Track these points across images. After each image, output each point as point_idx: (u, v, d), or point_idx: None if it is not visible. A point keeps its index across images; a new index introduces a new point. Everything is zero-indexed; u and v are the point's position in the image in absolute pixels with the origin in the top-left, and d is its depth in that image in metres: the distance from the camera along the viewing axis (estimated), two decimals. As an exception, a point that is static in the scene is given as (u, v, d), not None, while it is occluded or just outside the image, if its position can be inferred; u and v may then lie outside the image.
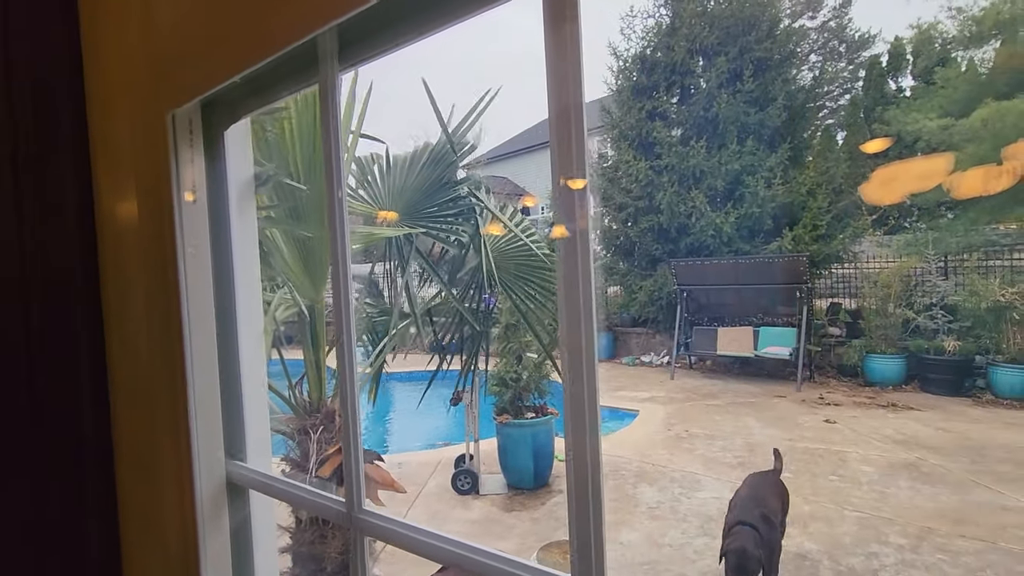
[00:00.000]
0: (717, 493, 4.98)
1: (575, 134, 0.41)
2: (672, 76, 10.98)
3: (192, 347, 0.74)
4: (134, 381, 0.79)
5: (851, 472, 5.27)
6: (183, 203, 0.73)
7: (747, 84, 10.00)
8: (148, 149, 0.73)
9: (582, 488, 0.41)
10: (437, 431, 7.94)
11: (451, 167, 2.50)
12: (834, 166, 9.97)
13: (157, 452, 0.77)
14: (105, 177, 0.83)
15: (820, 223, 9.54)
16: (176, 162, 0.71)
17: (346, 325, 0.60)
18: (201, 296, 0.77)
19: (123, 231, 0.81)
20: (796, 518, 4.38)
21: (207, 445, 0.75)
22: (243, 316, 0.81)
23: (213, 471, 0.76)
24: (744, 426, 6.84)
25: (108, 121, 0.80)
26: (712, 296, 9.99)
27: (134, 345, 0.80)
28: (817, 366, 8.95)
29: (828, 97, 13.37)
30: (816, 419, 6.92)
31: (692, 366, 10.24)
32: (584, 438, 0.41)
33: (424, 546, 0.51)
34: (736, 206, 10.03)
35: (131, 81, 0.75)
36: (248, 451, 0.79)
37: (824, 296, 10.11)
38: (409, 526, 0.53)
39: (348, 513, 0.58)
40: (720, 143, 10.26)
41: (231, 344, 0.80)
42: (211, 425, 0.76)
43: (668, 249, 10.81)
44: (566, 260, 0.41)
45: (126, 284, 0.82)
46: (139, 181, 0.76)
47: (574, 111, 0.41)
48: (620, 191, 11.39)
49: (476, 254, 2.57)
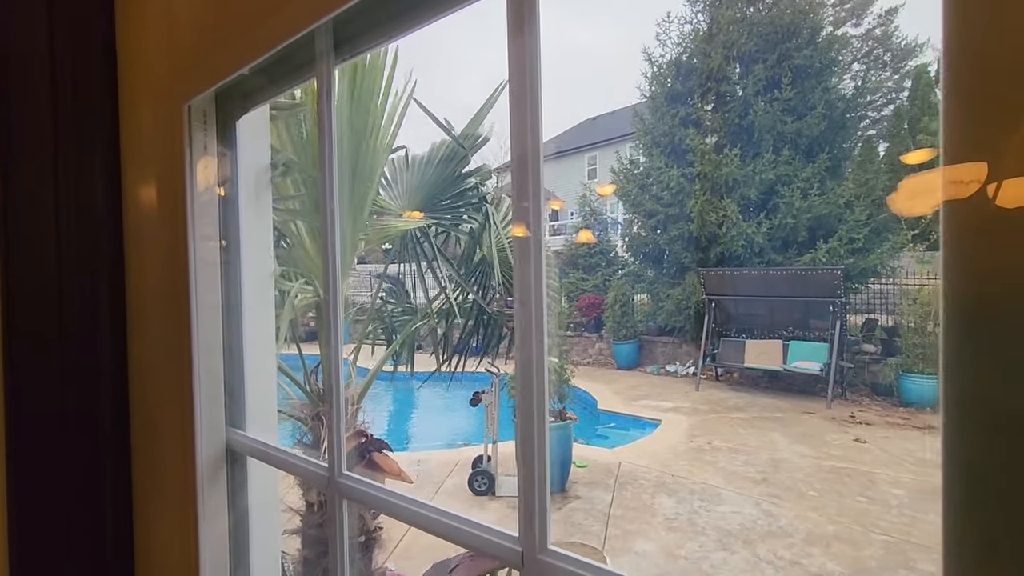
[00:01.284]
0: (738, 508, 4.88)
1: (530, 122, 0.44)
2: (707, 83, 10.84)
3: (198, 326, 0.80)
4: (147, 354, 0.85)
5: (880, 494, 5.07)
6: (196, 190, 0.79)
7: (785, 92, 9.78)
8: (167, 139, 0.79)
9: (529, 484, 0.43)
10: (459, 431, 8.00)
11: (463, 161, 2.55)
12: (874, 178, 9.64)
13: (164, 417, 0.83)
14: (131, 168, 0.89)
15: (857, 236, 9.23)
16: (191, 151, 0.77)
17: (334, 310, 0.64)
18: (208, 279, 0.82)
19: (144, 217, 0.87)
20: (818, 538, 4.25)
21: (209, 413, 0.80)
22: (250, 300, 0.87)
23: (214, 436, 0.81)
24: (770, 441, 6.66)
25: (135, 114, 0.87)
26: (741, 307, 9.78)
27: (149, 322, 0.86)
28: (849, 383, 8.64)
29: (871, 107, 12.94)
30: (846, 438, 6.69)
31: (718, 378, 10.02)
32: (532, 427, 0.43)
33: (396, 508, 0.55)
34: (769, 216, 9.81)
35: (154, 74, 0.81)
36: (249, 423, 0.84)
37: (859, 311, 9.76)
38: (384, 489, 0.57)
39: (329, 477, 0.62)
40: (755, 152, 10.06)
41: (236, 324, 0.86)
42: (214, 396, 0.81)
43: (698, 258, 10.63)
44: (520, 261, 0.44)
45: (145, 266, 0.88)
46: (158, 170, 0.82)
47: (531, 99, 0.43)
48: (650, 198, 11.29)
49: (482, 248, 2.59)
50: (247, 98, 0.80)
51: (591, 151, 21.02)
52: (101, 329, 0.99)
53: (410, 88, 2.30)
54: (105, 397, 0.92)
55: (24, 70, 0.99)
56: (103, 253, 1.00)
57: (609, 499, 5.09)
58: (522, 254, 0.43)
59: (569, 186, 18.68)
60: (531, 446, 0.42)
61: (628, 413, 8.01)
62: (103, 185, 0.99)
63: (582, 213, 13.71)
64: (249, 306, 0.86)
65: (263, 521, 0.93)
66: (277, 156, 1.81)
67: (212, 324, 0.82)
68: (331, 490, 0.62)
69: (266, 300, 0.97)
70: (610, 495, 5.18)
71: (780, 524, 4.53)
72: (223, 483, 0.82)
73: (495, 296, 2.79)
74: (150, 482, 0.83)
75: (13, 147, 1.02)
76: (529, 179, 0.44)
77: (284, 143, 2.01)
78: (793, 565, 3.91)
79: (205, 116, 0.79)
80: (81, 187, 1.00)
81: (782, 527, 4.48)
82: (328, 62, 0.62)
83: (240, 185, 0.85)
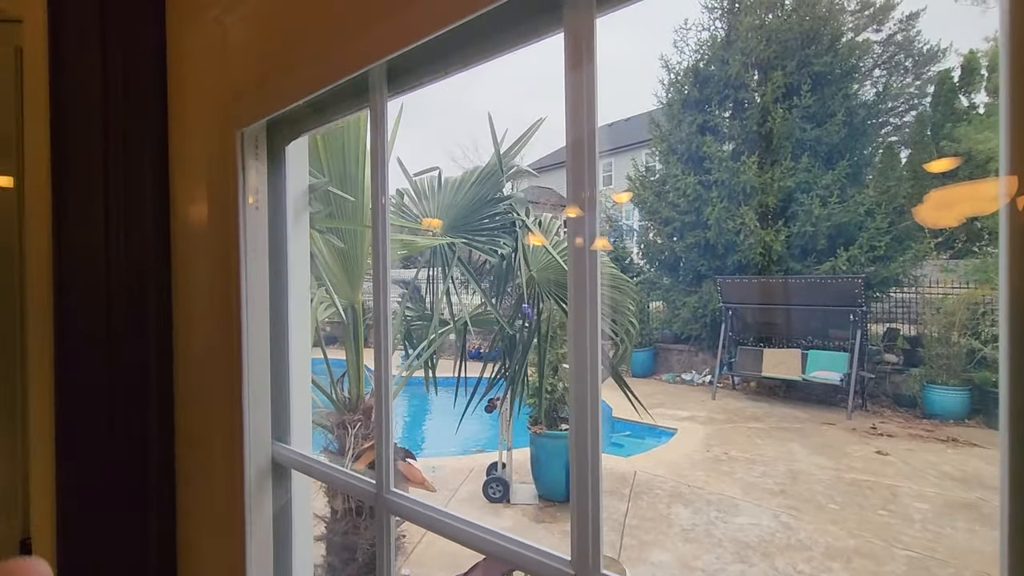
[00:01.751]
0: (756, 519, 4.82)
1: (588, 162, 0.46)
2: (725, 90, 10.80)
3: (248, 340, 0.83)
4: (195, 368, 0.89)
5: (903, 508, 4.98)
6: (247, 210, 0.82)
7: (804, 99, 9.71)
8: (219, 162, 0.83)
9: (583, 505, 0.44)
10: (473, 437, 8.01)
11: (497, 186, 2.60)
12: (896, 185, 9.51)
13: (212, 431, 0.87)
14: (180, 186, 0.94)
15: (879, 244, 9.10)
16: (243, 173, 0.81)
17: (384, 326, 0.67)
18: (258, 294, 0.86)
19: (193, 235, 0.91)
20: (839, 552, 4.18)
21: (257, 427, 0.83)
22: (293, 314, 0.90)
23: (261, 450, 0.84)
24: (788, 452, 6.58)
25: (185, 137, 0.91)
26: (759, 315, 9.69)
27: (197, 336, 0.90)
28: (870, 394, 8.49)
29: (892, 113, 12.77)
30: (867, 450, 6.58)
31: (735, 386, 9.92)
32: (586, 452, 0.44)
33: (442, 525, 0.57)
34: (788, 224, 9.72)
35: (207, 103, 0.86)
36: (293, 435, 0.88)
37: (880, 321, 9.60)
38: (430, 507, 0.59)
39: (377, 493, 0.65)
40: (773, 159, 9.99)
41: (282, 339, 0.89)
42: (261, 409, 0.85)
43: (714, 265, 10.56)
44: (575, 273, 0.46)
45: (193, 281, 0.92)
46: (210, 190, 0.86)
47: (587, 142, 0.46)
48: (667, 205, 11.25)
49: (517, 269, 2.65)
50: (297, 125, 0.84)
51: (606, 157, 20.99)
52: (148, 335, 1.03)
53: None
54: (151, 405, 0.96)
55: (80, 95, 1.04)
56: (151, 264, 1.05)
57: (624, 508, 5.06)
58: (577, 267, 0.45)
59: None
60: (585, 469, 0.44)
61: (643, 421, 7.96)
62: (152, 200, 1.04)
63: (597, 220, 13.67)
64: (294, 319, 0.89)
65: (301, 528, 0.96)
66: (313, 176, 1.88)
67: (261, 338, 0.86)
68: (379, 506, 0.64)
69: (304, 312, 1.01)
70: (625, 504, 5.16)
71: (799, 537, 4.47)
72: (268, 497, 0.85)
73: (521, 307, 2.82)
74: (194, 491, 0.87)
75: (68, 162, 1.07)
76: (586, 221, 0.47)
77: (312, 159, 2.09)
78: (813, 579, 3.85)
79: (257, 142, 0.82)
80: (131, 201, 1.05)
81: (801, 540, 4.42)
82: (382, 95, 0.65)
83: (287, 205, 0.89)
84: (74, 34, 1.07)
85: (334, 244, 2.29)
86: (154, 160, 1.06)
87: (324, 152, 2.12)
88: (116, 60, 1.06)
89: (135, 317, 1.03)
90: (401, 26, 0.53)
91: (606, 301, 2.81)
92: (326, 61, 0.63)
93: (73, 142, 1.09)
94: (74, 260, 1.06)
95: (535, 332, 2.78)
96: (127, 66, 1.04)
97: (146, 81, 1.04)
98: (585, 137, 0.45)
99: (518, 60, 10.30)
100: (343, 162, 2.16)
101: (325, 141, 2.10)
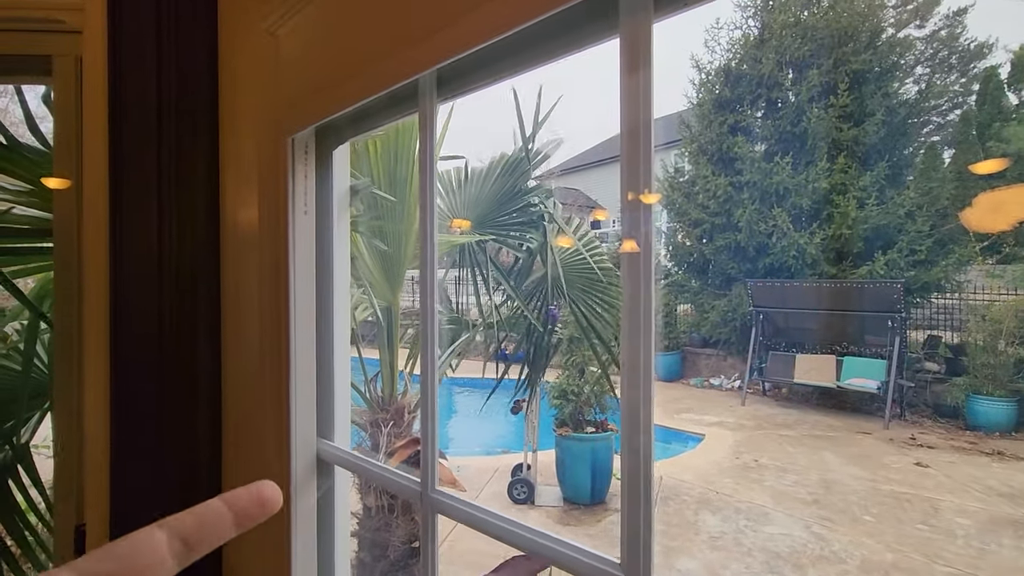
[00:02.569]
0: (787, 529, 4.71)
1: (644, 165, 0.46)
2: (758, 89, 10.57)
3: (296, 340, 0.86)
4: (243, 368, 0.92)
5: (944, 523, 4.79)
6: (297, 215, 0.85)
7: (841, 98, 9.43)
8: (270, 167, 0.86)
9: (635, 507, 0.45)
10: (498, 438, 8.03)
11: (523, 176, 2.60)
12: (938, 187, 9.15)
13: (259, 428, 0.90)
14: (231, 191, 0.97)
15: (919, 248, 8.78)
16: (292, 179, 0.83)
17: (431, 327, 0.68)
18: (305, 295, 0.88)
19: (243, 238, 0.94)
20: (876, 566, 4.05)
21: (303, 424, 0.86)
22: (337, 314, 0.92)
23: (307, 447, 0.87)
24: (820, 461, 6.40)
25: (237, 143, 0.94)
26: (791, 320, 9.44)
27: (246, 337, 0.93)
28: (909, 403, 8.19)
29: (935, 112, 12.30)
30: (905, 461, 6.35)
31: (765, 392, 9.69)
32: (638, 455, 0.45)
33: (486, 524, 0.58)
34: (823, 226, 9.45)
35: (259, 111, 0.88)
36: (336, 433, 0.90)
37: (920, 327, 9.26)
38: (474, 506, 0.60)
39: (422, 492, 0.66)
40: (808, 160, 9.73)
41: (327, 339, 0.91)
42: (307, 407, 0.87)
43: (745, 268, 10.35)
44: (630, 275, 0.46)
45: (242, 283, 0.95)
46: (261, 194, 0.89)
47: (643, 143, 0.46)
48: (696, 207, 11.07)
49: (544, 264, 2.64)
50: (345, 130, 0.86)
51: (634, 158, 20.70)
52: (198, 336, 1.07)
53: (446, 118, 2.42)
54: (202, 403, 1.00)
55: (137, 102, 1.08)
56: (202, 266, 1.09)
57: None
58: (631, 273, 0.45)
59: (612, 194, 18.53)
60: (637, 473, 0.44)
61: (670, 426, 7.86)
62: (204, 205, 1.07)
63: (621, 223, 13.54)
64: (337, 320, 0.91)
65: (340, 523, 0.98)
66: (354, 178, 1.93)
67: (307, 338, 0.88)
68: (424, 505, 0.65)
69: (346, 313, 1.03)
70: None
71: (833, 549, 4.34)
72: (313, 493, 0.87)
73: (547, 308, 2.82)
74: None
75: (124, 166, 1.12)
76: (641, 220, 0.47)
77: (352, 162, 2.13)
78: (848, 593, 3.74)
79: (307, 148, 0.85)
80: (183, 205, 1.09)
81: (835, 552, 4.30)
82: (431, 100, 0.67)
83: (333, 208, 0.91)
84: (131, 43, 1.12)
85: (377, 246, 2.34)
86: (206, 165, 1.10)
87: (373, 154, 2.15)
88: (170, 69, 1.10)
89: (187, 317, 1.07)
90: (454, 35, 0.54)
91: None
92: (377, 69, 0.65)
93: (129, 147, 1.14)
94: (129, 262, 1.11)
95: (559, 333, 2.77)
96: (180, 75, 1.08)
97: (198, 90, 1.08)
98: (641, 138, 0.45)
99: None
100: (394, 162, 2.19)
101: (375, 143, 2.13)
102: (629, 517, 0.44)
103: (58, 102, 1.47)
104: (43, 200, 1.64)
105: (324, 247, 0.90)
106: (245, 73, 0.91)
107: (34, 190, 1.66)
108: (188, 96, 1.06)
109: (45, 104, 1.63)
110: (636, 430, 0.44)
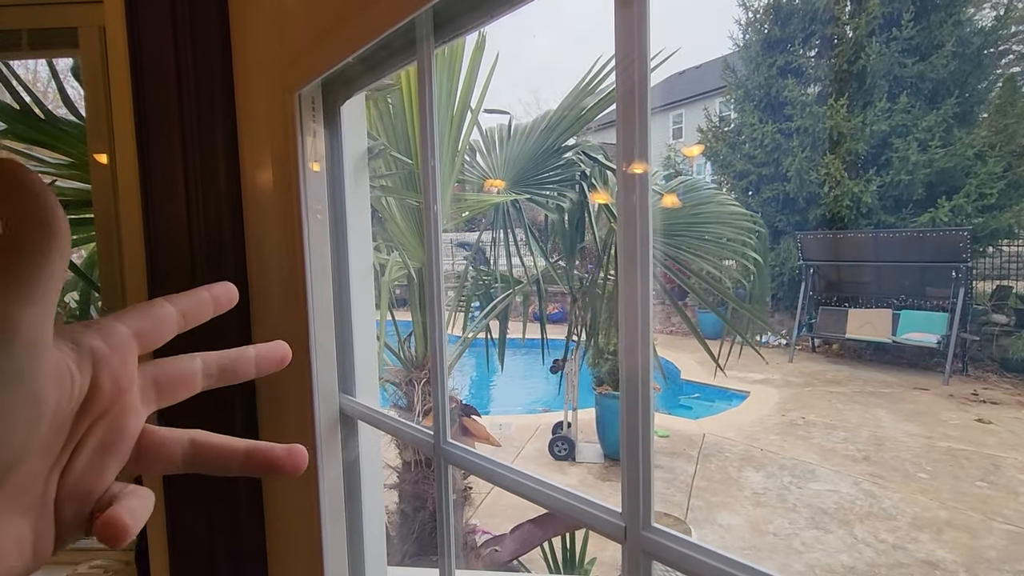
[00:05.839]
0: (834, 486, 4.63)
1: (639, 116, 0.43)
2: (811, 25, 9.79)
3: (313, 297, 0.87)
4: (270, 330, 0.94)
5: (1006, 480, 4.59)
6: (308, 172, 0.85)
7: (905, 30, 8.63)
8: (280, 125, 0.85)
9: (633, 461, 0.43)
10: (539, 397, 8.16)
11: (564, 134, 2.51)
12: (1016, 123, 8.34)
13: (285, 385, 0.93)
14: (248, 151, 0.97)
15: (989, 192, 8.11)
16: (302, 136, 0.82)
17: (436, 284, 0.67)
18: (321, 252, 0.89)
19: (261, 198, 0.95)
20: (928, 523, 3.94)
21: (324, 380, 0.88)
22: (355, 271, 0.93)
23: (329, 402, 0.89)
24: (873, 418, 6.20)
25: (249, 101, 0.94)
26: (844, 273, 9.00)
27: (271, 298, 0.95)
28: (972, 358, 7.75)
29: (1016, 39, 11.08)
30: (966, 417, 6.07)
31: (815, 349, 9.37)
32: (636, 411, 0.43)
33: (499, 476, 0.58)
34: (880, 173, 8.84)
35: (267, 68, 0.87)
36: (357, 389, 0.92)
37: (988, 278, 8.65)
38: (485, 458, 0.60)
39: (435, 444, 0.67)
40: (865, 101, 9.03)
41: (344, 295, 0.92)
42: (327, 363, 0.89)
43: (794, 221, 9.87)
44: (625, 236, 0.43)
45: (265, 245, 0.97)
46: (273, 153, 0.89)
47: (638, 91, 0.42)
48: (742, 157, 10.54)
49: (586, 224, 2.58)
50: (350, 84, 0.84)
51: (676, 109, 19.83)
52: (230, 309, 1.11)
53: (492, 61, 2.29)
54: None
55: (157, 68, 1.08)
56: (227, 231, 1.11)
57: (692, 470, 5.01)
58: (627, 222, 0.42)
59: (652, 148, 17.81)
60: (635, 424, 0.43)
61: (713, 383, 7.75)
62: (225, 170, 1.08)
63: (666, 176, 13.11)
64: (355, 277, 0.92)
65: (370, 476, 1.01)
66: (371, 138, 1.90)
67: (324, 295, 0.89)
68: (437, 456, 0.66)
69: (367, 271, 1.04)
70: (693, 466, 5.10)
71: (883, 506, 4.25)
72: (338, 448, 0.90)
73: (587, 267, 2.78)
74: (274, 438, 0.94)
75: (150, 135, 1.14)
76: (636, 179, 0.43)
77: (374, 123, 2.10)
78: (897, 550, 3.67)
79: (313, 103, 0.84)
80: (207, 171, 1.10)
81: (885, 509, 4.20)
82: (428, 46, 0.64)
83: (345, 166, 0.90)
84: (146, 8, 1.12)
85: (407, 208, 2.33)
86: (224, 129, 1.10)
87: (408, 110, 2.10)
88: (185, 30, 1.10)
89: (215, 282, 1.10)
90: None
91: (707, 238, 2.69)
92: (371, 14, 0.62)
93: (154, 115, 1.15)
94: (161, 231, 1.14)
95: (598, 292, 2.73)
96: (195, 36, 1.08)
97: (213, 51, 1.08)
98: (636, 85, 0.41)
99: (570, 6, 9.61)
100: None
101: (410, 98, 2.07)
102: (628, 471, 0.43)
103: (86, 74, 1.51)
104: (82, 172, 1.71)
105: (337, 204, 0.90)
106: (253, 29, 0.90)
107: (74, 163, 1.74)
108: (203, 59, 1.06)
109: (75, 77, 1.68)
110: (635, 388, 0.43)
